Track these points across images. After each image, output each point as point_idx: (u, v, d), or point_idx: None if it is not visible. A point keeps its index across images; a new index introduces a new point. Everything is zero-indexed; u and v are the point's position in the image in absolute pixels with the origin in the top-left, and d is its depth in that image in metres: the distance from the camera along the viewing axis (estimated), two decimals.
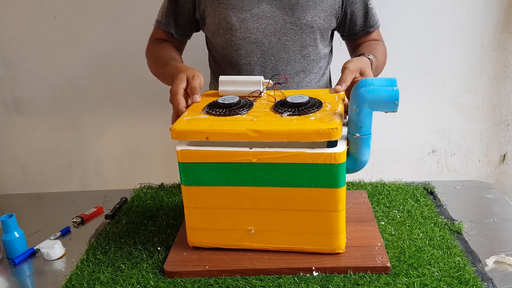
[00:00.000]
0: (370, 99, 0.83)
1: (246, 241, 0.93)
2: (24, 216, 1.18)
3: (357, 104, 0.84)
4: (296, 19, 1.15)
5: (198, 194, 0.91)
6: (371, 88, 0.83)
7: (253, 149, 0.85)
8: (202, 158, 0.87)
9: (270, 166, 0.85)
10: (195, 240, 0.95)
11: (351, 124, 0.86)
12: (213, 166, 0.87)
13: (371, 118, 0.85)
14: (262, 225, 0.91)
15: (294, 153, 0.84)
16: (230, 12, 1.15)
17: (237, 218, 0.91)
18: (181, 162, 0.89)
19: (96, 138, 1.98)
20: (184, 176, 0.90)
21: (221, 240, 0.94)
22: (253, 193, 0.88)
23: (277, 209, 0.89)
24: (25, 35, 1.83)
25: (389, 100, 0.83)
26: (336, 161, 0.83)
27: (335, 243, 0.90)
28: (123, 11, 1.78)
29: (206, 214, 0.92)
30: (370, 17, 1.23)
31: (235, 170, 0.87)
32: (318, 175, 0.84)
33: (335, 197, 0.86)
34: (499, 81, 1.84)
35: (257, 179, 0.87)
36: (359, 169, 0.91)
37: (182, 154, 0.88)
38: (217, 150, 0.86)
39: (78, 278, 0.91)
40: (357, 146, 0.87)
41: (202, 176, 0.89)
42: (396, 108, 0.84)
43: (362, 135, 0.86)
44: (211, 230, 0.93)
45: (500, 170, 1.96)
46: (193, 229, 0.94)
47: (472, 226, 1.05)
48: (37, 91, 1.91)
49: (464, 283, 0.84)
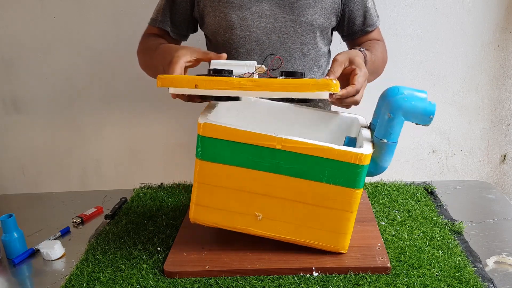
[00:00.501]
0: (406, 108, 0.83)
1: (251, 226, 0.92)
2: (23, 216, 1.18)
3: (391, 111, 0.84)
4: (296, 17, 1.15)
5: (212, 170, 0.89)
6: (409, 97, 0.83)
7: (279, 135, 0.84)
8: (225, 135, 0.85)
9: (292, 155, 0.84)
10: (199, 217, 0.93)
11: (381, 129, 0.86)
12: (234, 145, 0.85)
13: (401, 126, 0.85)
14: (271, 213, 0.90)
15: (321, 147, 0.83)
16: (230, 10, 1.15)
17: (247, 201, 0.90)
18: (201, 136, 0.86)
19: (96, 138, 1.98)
20: (202, 150, 0.88)
21: (225, 221, 0.92)
22: (269, 180, 0.87)
23: (290, 200, 0.88)
24: (25, 35, 1.83)
25: (424, 113, 0.83)
26: (360, 162, 0.83)
27: (341, 242, 0.90)
28: (123, 11, 1.78)
29: (216, 192, 0.90)
30: (369, 17, 1.23)
31: (257, 153, 0.85)
32: (339, 173, 0.84)
33: (351, 197, 0.86)
34: (500, 81, 1.83)
35: (277, 167, 0.86)
36: (377, 174, 0.91)
37: (204, 127, 0.86)
38: (242, 130, 0.85)
39: (78, 279, 0.91)
40: (382, 151, 0.87)
41: (221, 153, 0.87)
42: (430, 122, 0.83)
43: (390, 142, 0.86)
44: (218, 209, 0.92)
45: (501, 170, 1.96)
46: (199, 205, 0.92)
47: (472, 226, 1.05)
48: (37, 91, 1.91)
49: (465, 283, 0.83)
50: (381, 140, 0.86)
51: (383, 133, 0.86)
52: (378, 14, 1.27)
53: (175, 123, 1.89)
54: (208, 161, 0.88)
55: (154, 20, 1.25)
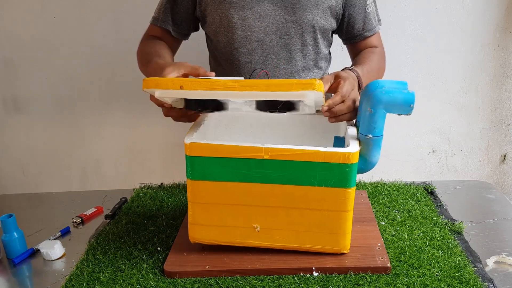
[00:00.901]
0: (386, 101, 0.83)
1: (250, 238, 0.92)
2: (24, 216, 1.18)
3: (372, 105, 0.84)
4: (298, 18, 1.15)
5: (204, 189, 0.89)
6: (387, 90, 0.83)
7: (265, 146, 0.84)
8: (212, 152, 0.86)
9: (281, 163, 0.85)
10: (197, 236, 0.94)
11: (364, 125, 0.86)
12: (222, 160, 0.86)
13: (384, 119, 0.85)
14: (268, 223, 0.90)
15: (307, 151, 0.83)
16: (231, 10, 1.15)
17: (243, 215, 0.90)
18: (189, 156, 0.87)
19: (96, 138, 1.98)
20: (191, 170, 0.88)
21: (224, 237, 0.93)
22: (262, 190, 0.87)
23: (285, 207, 0.88)
24: (25, 35, 1.83)
25: (405, 103, 0.83)
26: (349, 161, 0.83)
27: (341, 243, 0.90)
28: (123, 11, 1.78)
29: (211, 210, 0.91)
30: (368, 22, 1.23)
31: (245, 166, 0.86)
32: (330, 174, 0.84)
33: (345, 197, 0.86)
34: (500, 81, 1.83)
35: (267, 176, 0.86)
36: (368, 170, 0.91)
37: (190, 147, 0.86)
38: (228, 145, 0.85)
39: (78, 278, 0.91)
40: (369, 147, 0.87)
41: (210, 170, 0.87)
42: (411, 111, 0.84)
43: (375, 136, 0.86)
44: (215, 226, 0.92)
45: (501, 170, 1.96)
46: (196, 224, 0.93)
47: (472, 226, 1.05)
48: (37, 91, 1.91)
49: (465, 283, 0.84)
50: (367, 136, 0.86)
51: (367, 128, 0.86)
52: (379, 18, 1.26)
53: (175, 123, 1.89)
54: (199, 180, 0.89)
55: (156, 19, 1.25)
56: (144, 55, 1.18)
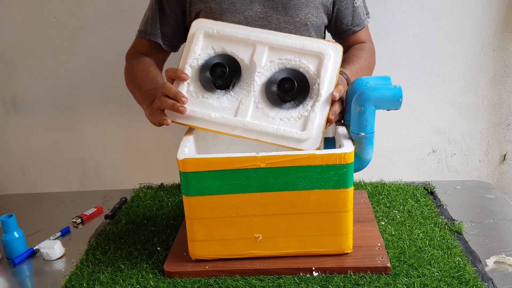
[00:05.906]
0: (375, 98, 0.83)
1: (253, 249, 0.91)
2: (23, 216, 1.18)
3: (361, 104, 0.84)
4: (290, 17, 1.15)
5: (202, 204, 0.87)
6: (375, 87, 0.84)
7: (260, 154, 0.84)
8: (207, 166, 0.84)
9: (278, 170, 0.84)
10: (199, 252, 0.92)
11: (355, 124, 0.86)
12: (218, 174, 0.85)
13: (374, 116, 0.85)
14: (269, 231, 0.89)
15: (303, 156, 0.83)
16: (223, 17, 1.13)
17: (243, 226, 0.89)
18: (183, 172, 0.85)
19: (95, 138, 1.98)
20: (187, 187, 0.86)
21: (226, 250, 0.91)
22: (261, 199, 0.86)
23: (285, 214, 0.88)
24: (25, 35, 1.83)
25: (393, 98, 0.84)
26: (345, 161, 0.83)
27: (344, 243, 0.90)
28: (123, 11, 1.78)
29: (211, 224, 0.89)
30: (356, 16, 1.23)
31: (242, 176, 0.85)
32: (327, 176, 0.84)
33: (344, 197, 0.86)
34: (500, 81, 1.83)
35: (265, 185, 0.85)
36: (363, 168, 0.91)
37: (184, 163, 0.84)
38: (223, 157, 0.84)
39: (78, 278, 0.91)
40: (362, 145, 0.87)
41: (207, 185, 0.86)
42: (400, 105, 0.84)
43: (367, 134, 0.86)
44: (216, 241, 0.90)
45: (501, 170, 1.96)
46: (196, 241, 0.91)
47: (472, 226, 1.05)
48: (37, 91, 1.91)
49: (464, 283, 0.84)
50: (359, 134, 0.86)
51: (358, 127, 0.86)
52: (367, 11, 1.26)
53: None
54: (196, 195, 0.87)
55: (143, 32, 1.21)
56: (132, 78, 1.18)
